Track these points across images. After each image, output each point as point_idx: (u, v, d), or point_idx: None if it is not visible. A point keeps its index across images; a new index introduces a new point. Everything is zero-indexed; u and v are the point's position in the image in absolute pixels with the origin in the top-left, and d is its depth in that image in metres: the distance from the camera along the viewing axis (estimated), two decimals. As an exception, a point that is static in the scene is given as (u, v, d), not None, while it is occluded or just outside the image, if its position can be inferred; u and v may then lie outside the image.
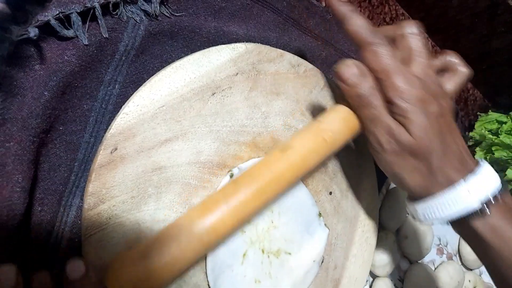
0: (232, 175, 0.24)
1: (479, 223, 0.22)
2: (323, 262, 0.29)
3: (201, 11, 0.24)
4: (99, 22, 0.19)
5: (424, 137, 0.22)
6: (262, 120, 0.26)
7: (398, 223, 0.37)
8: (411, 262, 0.39)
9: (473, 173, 0.23)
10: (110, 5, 0.20)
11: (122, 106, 0.21)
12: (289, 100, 0.28)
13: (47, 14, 0.16)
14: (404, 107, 0.22)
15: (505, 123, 0.40)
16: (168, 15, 0.23)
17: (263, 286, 0.24)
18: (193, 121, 0.23)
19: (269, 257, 0.25)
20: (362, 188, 0.33)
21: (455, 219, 0.23)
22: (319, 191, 0.29)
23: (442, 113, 0.23)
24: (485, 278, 0.45)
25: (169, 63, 0.23)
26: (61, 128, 0.19)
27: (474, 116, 0.51)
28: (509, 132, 0.39)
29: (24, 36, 0.15)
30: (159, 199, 0.21)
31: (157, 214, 0.21)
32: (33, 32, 0.15)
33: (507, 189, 0.23)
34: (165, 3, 0.22)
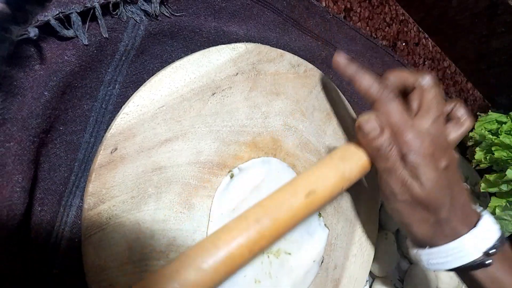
0: (232, 176, 0.24)
1: (480, 273, 0.24)
2: (323, 262, 0.29)
3: (201, 11, 0.24)
4: (99, 22, 0.19)
5: (435, 190, 0.23)
6: (262, 120, 0.26)
7: (398, 223, 0.37)
8: (411, 262, 0.39)
9: (475, 225, 0.24)
10: (110, 5, 0.20)
11: (122, 106, 0.21)
12: (289, 100, 0.28)
13: (47, 14, 0.16)
14: (415, 162, 0.23)
15: (505, 123, 0.40)
16: (168, 15, 0.23)
17: (263, 286, 0.24)
18: (193, 121, 0.23)
19: (269, 257, 0.25)
20: (362, 188, 0.33)
21: (457, 268, 0.24)
22: (319, 191, 0.29)
23: (449, 166, 0.24)
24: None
25: (169, 63, 0.23)
26: (61, 128, 0.19)
27: (474, 116, 0.51)
28: (509, 132, 0.39)
29: (24, 36, 0.15)
30: (159, 199, 0.21)
31: (157, 214, 0.21)
32: (33, 32, 0.15)
33: (505, 239, 0.25)
34: (165, 3, 0.22)
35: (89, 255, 0.19)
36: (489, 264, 0.23)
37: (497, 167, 0.40)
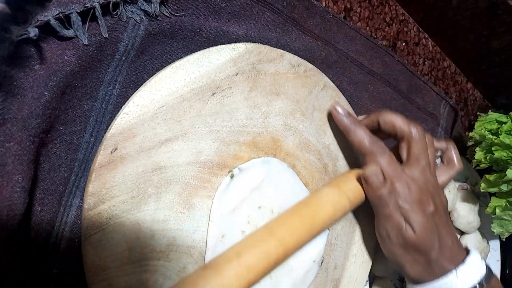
0: (232, 176, 0.25)
1: None
2: (323, 262, 0.29)
3: (201, 11, 0.25)
4: (99, 22, 0.20)
5: (424, 234, 0.26)
6: (262, 120, 0.26)
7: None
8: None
9: (462, 262, 0.27)
10: (110, 5, 0.20)
11: (122, 106, 0.21)
12: (289, 100, 0.28)
13: (47, 14, 0.16)
14: (405, 208, 0.26)
15: (505, 123, 0.40)
16: (168, 15, 0.23)
17: (262, 286, 0.24)
18: (193, 121, 0.23)
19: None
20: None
21: None
22: (319, 191, 0.29)
23: (437, 210, 0.28)
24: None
25: (169, 63, 0.23)
26: (61, 128, 0.20)
27: (474, 116, 0.51)
28: (509, 132, 0.39)
29: (24, 36, 0.15)
30: (159, 199, 0.22)
31: (157, 214, 0.21)
32: (33, 32, 0.15)
33: (492, 274, 0.27)
34: (165, 3, 0.22)
35: (89, 255, 0.19)
36: None
37: (497, 167, 0.40)
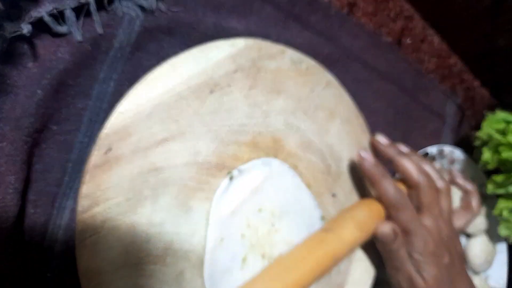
0: (231, 177, 0.25)
1: None
2: (325, 266, 0.29)
3: (199, 6, 0.25)
4: (94, 18, 0.20)
5: (437, 286, 0.27)
6: (262, 119, 0.26)
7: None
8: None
9: None
10: (105, 0, 0.20)
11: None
12: (291, 99, 0.28)
13: (40, 10, 0.16)
14: (419, 260, 0.27)
15: (512, 122, 0.40)
16: (164, 10, 0.23)
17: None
18: (190, 120, 0.23)
19: (270, 262, 0.25)
20: (367, 190, 0.33)
21: None
22: (322, 193, 0.30)
23: (453, 262, 0.28)
24: (491, 282, 0.45)
25: (166, 60, 0.23)
26: (54, 128, 0.20)
27: (481, 115, 0.51)
28: (516, 132, 0.39)
29: (17, 33, 0.15)
30: (155, 201, 0.22)
31: (153, 217, 0.21)
32: (26, 28, 0.15)
33: None
34: (162, -2, 0.22)
35: (83, 259, 0.19)
36: None
37: (504, 168, 0.40)
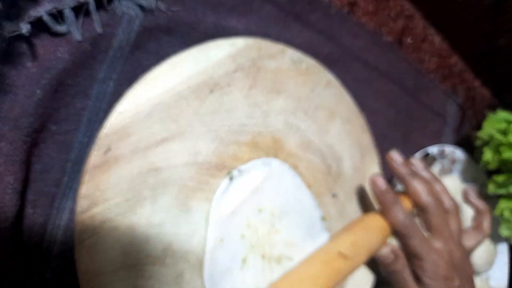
0: (231, 178, 0.25)
1: None
2: (325, 267, 0.29)
3: (199, 5, 0.25)
4: (93, 17, 0.20)
5: None
6: (262, 119, 0.26)
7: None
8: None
9: None
10: (105, -1, 0.20)
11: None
12: (291, 98, 0.28)
13: (39, 9, 0.17)
14: (430, 285, 0.27)
15: (513, 122, 0.41)
16: (164, 10, 0.23)
17: (263, 291, 0.25)
18: (190, 120, 0.23)
19: (270, 263, 0.26)
20: (367, 190, 0.33)
21: None
22: (322, 193, 0.30)
23: (463, 285, 0.28)
24: (492, 282, 0.46)
25: (165, 59, 0.23)
26: (53, 128, 0.20)
27: (481, 115, 0.51)
28: (517, 131, 0.39)
29: (16, 33, 0.15)
30: (155, 201, 0.22)
31: (153, 217, 0.22)
32: (25, 28, 0.15)
33: None
34: (161, -3, 0.23)
35: (82, 260, 0.19)
36: None
37: (505, 168, 0.40)
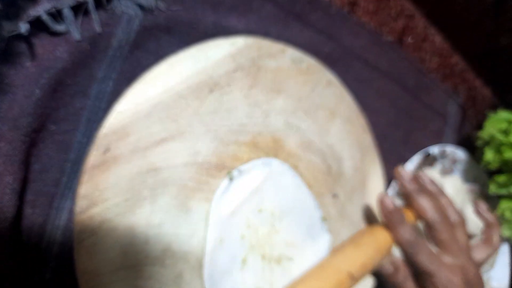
0: (231, 177, 0.25)
1: None
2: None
3: (199, 5, 0.25)
4: (93, 16, 0.20)
5: None
6: (262, 119, 0.27)
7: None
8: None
9: None
10: (104, -2, 0.20)
11: (116, 104, 0.21)
12: (291, 98, 0.28)
13: (38, 9, 0.17)
14: None
15: (514, 122, 0.41)
16: (164, 9, 0.23)
17: (263, 292, 0.25)
18: (190, 120, 0.23)
19: (270, 263, 0.26)
20: (368, 190, 0.33)
21: None
22: (323, 193, 0.30)
23: None
24: (493, 283, 0.46)
25: (164, 59, 0.23)
26: (52, 127, 0.20)
27: (482, 115, 0.51)
28: (518, 131, 0.39)
29: (15, 32, 0.15)
30: (154, 201, 0.22)
31: (152, 217, 0.22)
32: (24, 28, 0.15)
33: None
34: (161, -4, 0.23)
35: (81, 260, 0.19)
36: None
37: (506, 168, 0.40)
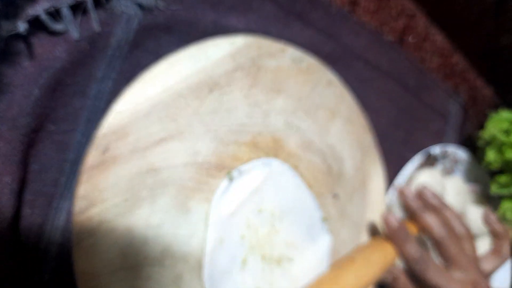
0: (231, 178, 0.25)
1: None
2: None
3: (198, 4, 0.25)
4: (91, 15, 0.20)
5: None
6: (262, 119, 0.27)
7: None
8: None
9: None
10: (103, -3, 0.20)
11: (115, 104, 0.21)
12: (291, 98, 0.28)
13: (37, 8, 0.17)
14: None
15: (516, 122, 0.41)
16: (163, 8, 0.23)
17: (263, 293, 0.25)
18: (189, 120, 0.23)
19: (270, 264, 0.26)
20: (368, 190, 0.33)
21: None
22: (323, 193, 0.30)
23: None
24: (495, 284, 0.46)
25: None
26: (51, 127, 0.20)
27: (484, 115, 0.51)
28: (520, 131, 0.39)
29: (13, 32, 0.15)
30: (153, 202, 0.22)
31: (151, 218, 0.22)
32: (23, 27, 0.15)
33: None
34: (160, -4, 0.23)
35: (80, 261, 0.19)
36: None
37: (508, 168, 0.40)
